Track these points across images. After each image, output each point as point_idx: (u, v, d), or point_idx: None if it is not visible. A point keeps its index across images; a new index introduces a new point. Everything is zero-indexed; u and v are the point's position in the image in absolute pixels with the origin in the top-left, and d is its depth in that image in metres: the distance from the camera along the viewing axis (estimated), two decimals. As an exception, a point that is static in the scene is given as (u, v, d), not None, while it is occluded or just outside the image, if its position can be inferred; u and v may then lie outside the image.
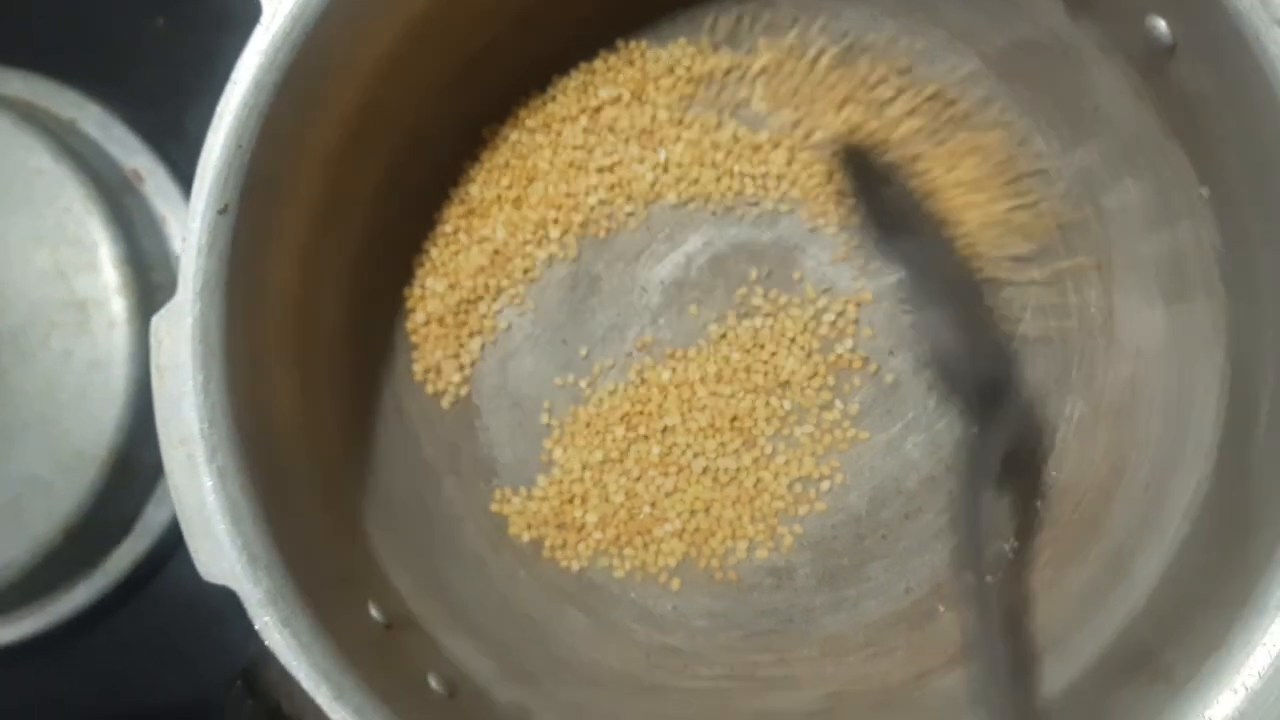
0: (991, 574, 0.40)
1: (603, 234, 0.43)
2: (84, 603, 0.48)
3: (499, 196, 0.43)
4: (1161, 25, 0.33)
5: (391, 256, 0.42)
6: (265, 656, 0.31)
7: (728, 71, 0.42)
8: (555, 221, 0.43)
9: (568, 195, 0.42)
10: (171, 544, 0.48)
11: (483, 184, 0.43)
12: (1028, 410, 0.39)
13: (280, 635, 0.31)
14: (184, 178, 0.48)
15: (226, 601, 0.31)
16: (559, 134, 0.43)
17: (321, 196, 0.36)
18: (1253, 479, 0.33)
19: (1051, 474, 0.41)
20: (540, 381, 0.43)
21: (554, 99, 0.42)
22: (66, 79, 0.49)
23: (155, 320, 0.31)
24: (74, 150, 0.45)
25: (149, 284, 0.45)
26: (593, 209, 0.43)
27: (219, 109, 0.32)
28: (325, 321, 0.38)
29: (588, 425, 0.43)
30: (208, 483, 0.31)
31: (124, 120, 0.49)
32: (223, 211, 0.31)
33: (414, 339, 0.42)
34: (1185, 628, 0.32)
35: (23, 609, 0.48)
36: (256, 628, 0.31)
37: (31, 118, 0.46)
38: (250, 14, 0.32)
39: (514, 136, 0.43)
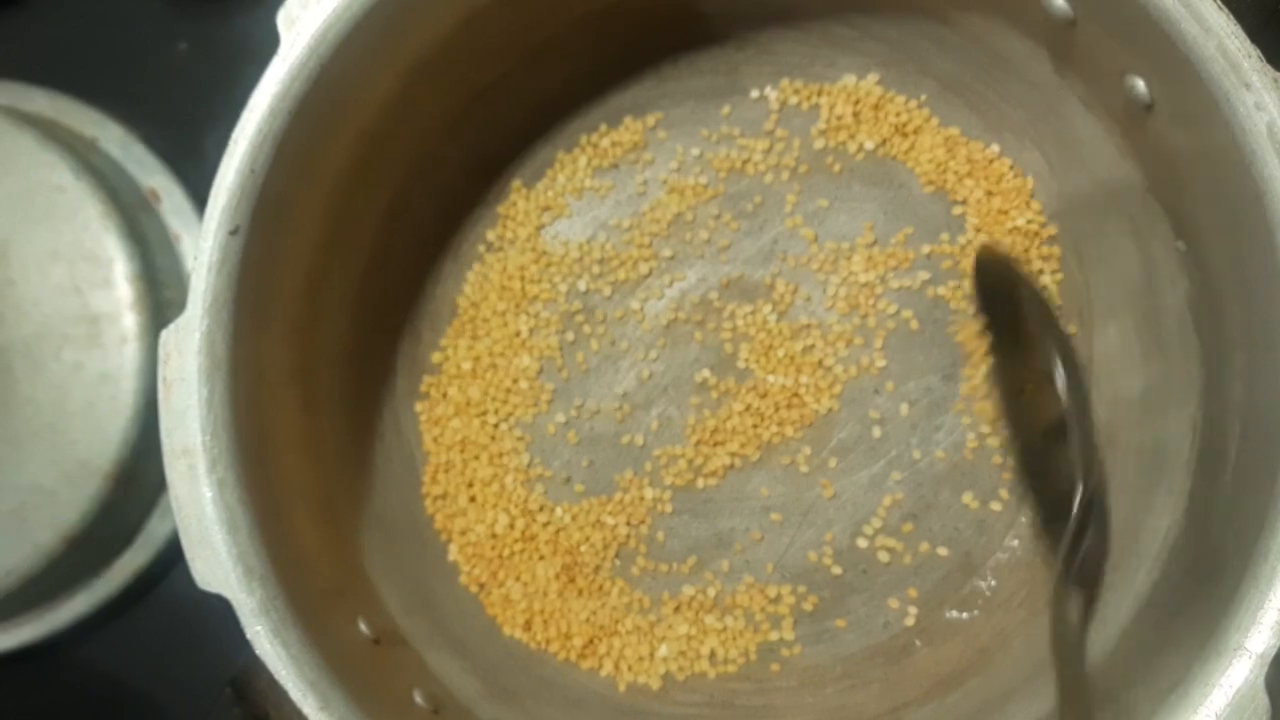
0: (967, 611, 0.41)
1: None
2: (84, 611, 0.48)
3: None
4: (1140, 85, 0.34)
5: (395, 282, 0.43)
6: (255, 665, 0.32)
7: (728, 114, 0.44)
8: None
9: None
10: (172, 557, 0.49)
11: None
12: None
13: (270, 645, 0.31)
14: (200, 198, 0.49)
15: (223, 614, 0.32)
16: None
17: (330, 221, 0.37)
18: (1217, 525, 0.33)
19: (1029, 514, 0.41)
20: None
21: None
22: (90, 99, 0.50)
23: (164, 334, 0.32)
24: (94, 168, 0.46)
25: (161, 301, 0.46)
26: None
27: (234, 134, 0.33)
28: (328, 341, 0.39)
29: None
30: (207, 493, 0.32)
31: (144, 140, 0.50)
32: (234, 232, 0.33)
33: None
34: (1149, 668, 0.33)
35: (23, 616, 0.48)
36: (248, 636, 0.31)
37: (54, 136, 0.46)
38: (270, 43, 0.33)
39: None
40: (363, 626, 0.36)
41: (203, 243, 0.32)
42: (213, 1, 0.51)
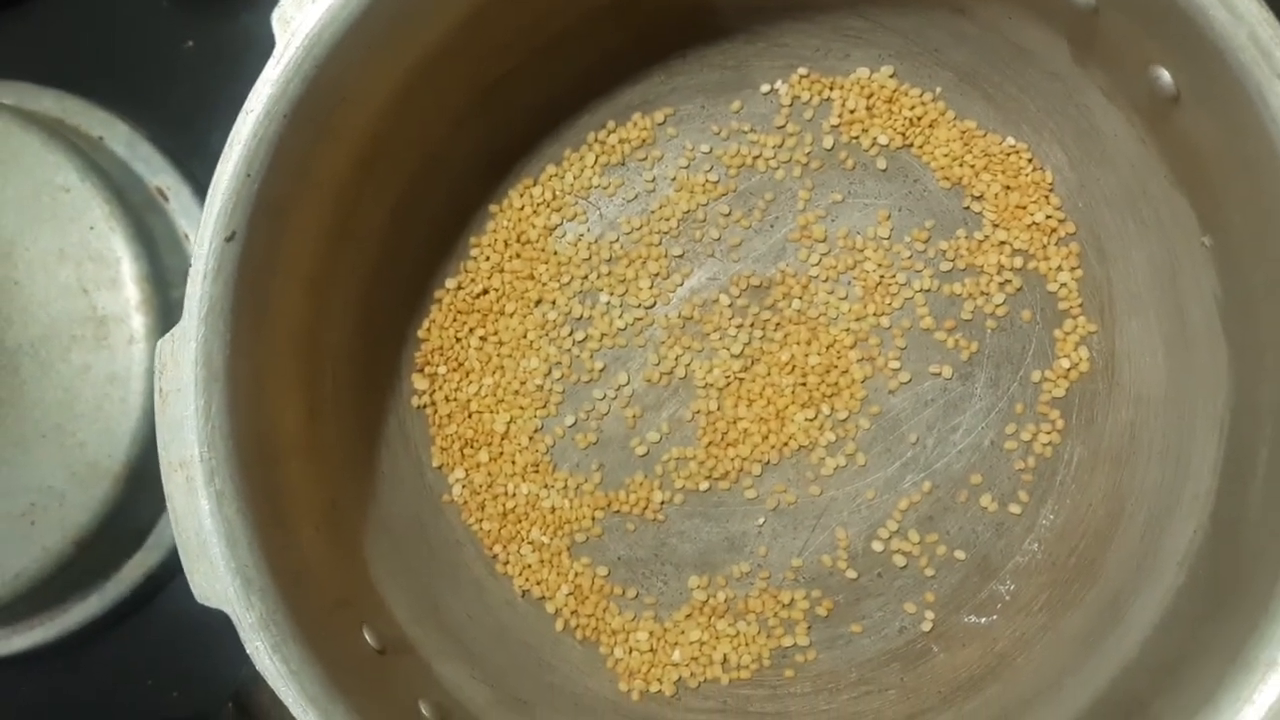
0: (985, 616, 0.40)
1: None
2: (94, 613, 0.48)
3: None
4: (1165, 76, 0.33)
5: (401, 283, 0.42)
6: (258, 679, 0.31)
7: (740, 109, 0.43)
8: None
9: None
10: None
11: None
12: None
13: (271, 661, 0.31)
14: (208, 196, 0.49)
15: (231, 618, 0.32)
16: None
17: (332, 224, 0.36)
18: (1247, 530, 0.32)
19: (1049, 517, 0.40)
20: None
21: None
22: (96, 97, 0.50)
23: (160, 344, 0.32)
24: (100, 168, 0.46)
25: (169, 301, 0.45)
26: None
27: (229, 138, 0.32)
28: (333, 345, 0.38)
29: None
30: (205, 505, 0.31)
31: (151, 139, 0.49)
32: (230, 239, 0.32)
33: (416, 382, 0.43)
34: (1177, 679, 0.32)
35: (34, 618, 0.48)
36: (248, 652, 0.31)
37: (60, 135, 0.46)
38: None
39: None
40: (368, 636, 0.35)
41: (198, 249, 0.32)
42: (219, -2, 0.50)
